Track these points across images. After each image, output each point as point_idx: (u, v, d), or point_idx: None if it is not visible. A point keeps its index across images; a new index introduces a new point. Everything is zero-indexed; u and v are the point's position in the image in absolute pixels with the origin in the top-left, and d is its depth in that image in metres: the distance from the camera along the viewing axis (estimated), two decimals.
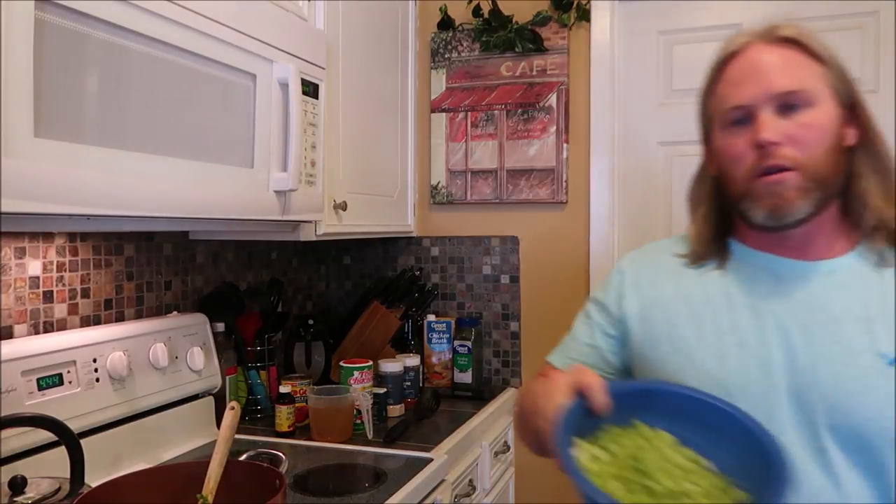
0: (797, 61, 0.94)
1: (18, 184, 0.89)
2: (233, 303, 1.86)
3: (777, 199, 0.91)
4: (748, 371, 0.93)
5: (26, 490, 1.02)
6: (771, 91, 0.92)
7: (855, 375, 0.88)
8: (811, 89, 0.92)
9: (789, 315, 0.93)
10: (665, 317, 1.02)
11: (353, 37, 1.89)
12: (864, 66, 2.04)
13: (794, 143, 0.91)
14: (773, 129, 0.91)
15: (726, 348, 0.95)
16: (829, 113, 0.93)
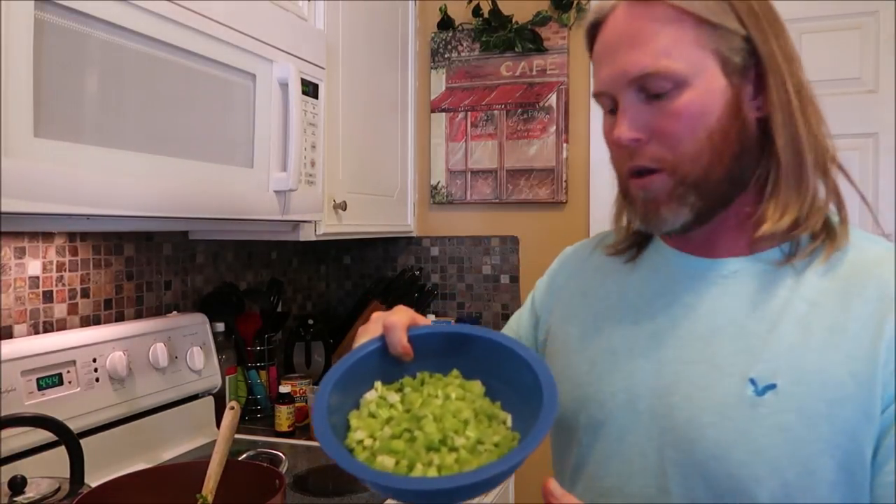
0: (660, 27, 0.69)
1: (18, 183, 0.89)
2: (233, 303, 1.86)
3: (646, 206, 0.74)
4: (612, 383, 0.78)
5: (26, 490, 1.02)
6: (625, 74, 0.71)
7: (713, 402, 0.70)
8: (676, 66, 0.69)
9: (669, 322, 0.76)
10: (562, 312, 0.89)
11: (353, 36, 1.89)
12: (864, 66, 2.04)
13: (661, 139, 0.71)
14: (630, 124, 0.72)
15: (599, 354, 0.80)
16: (708, 91, 0.69)
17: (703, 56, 0.69)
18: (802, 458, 0.64)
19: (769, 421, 0.66)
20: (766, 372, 0.68)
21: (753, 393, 0.67)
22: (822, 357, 0.66)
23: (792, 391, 0.66)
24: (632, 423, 0.75)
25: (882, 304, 0.66)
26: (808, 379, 0.66)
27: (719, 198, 0.73)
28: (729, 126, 0.70)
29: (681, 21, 0.69)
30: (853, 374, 0.64)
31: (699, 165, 0.71)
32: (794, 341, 0.68)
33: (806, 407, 0.65)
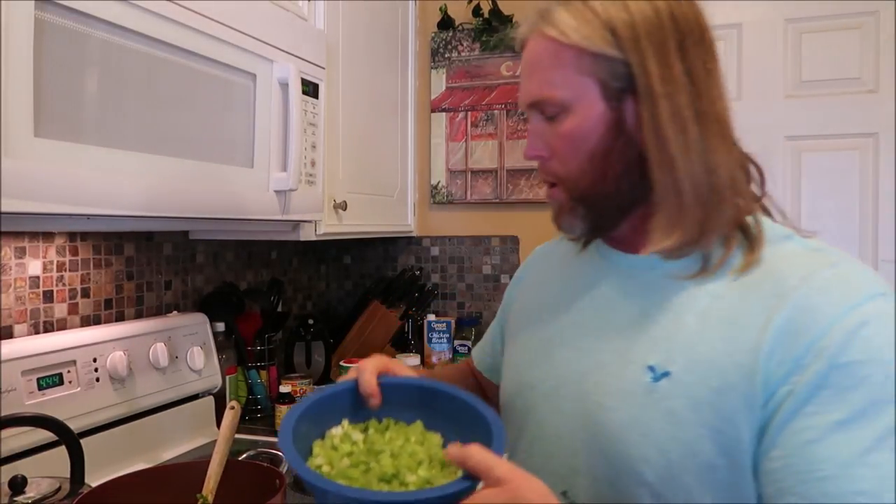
0: (546, 58, 0.75)
1: (18, 183, 0.89)
2: (233, 302, 1.86)
3: (553, 213, 0.81)
4: (542, 370, 0.83)
5: (26, 490, 1.02)
6: (524, 99, 0.79)
7: (616, 388, 0.74)
8: (558, 94, 0.74)
9: (592, 313, 0.81)
10: (519, 304, 0.96)
11: (353, 36, 1.89)
12: (864, 65, 2.04)
13: (556, 157, 0.77)
14: (533, 142, 0.79)
15: (536, 343, 0.86)
16: (587, 116, 0.74)
17: (584, 82, 0.74)
18: (686, 441, 0.68)
19: (661, 406, 0.70)
20: (664, 360, 0.71)
21: (651, 380, 0.71)
22: (712, 347, 0.69)
23: (683, 379, 0.70)
24: (555, 408, 0.80)
25: (776, 298, 0.68)
26: (698, 368, 0.69)
27: (611, 211, 0.78)
28: (610, 147, 0.74)
29: (563, 51, 0.74)
30: (737, 364, 0.67)
31: (584, 183, 0.76)
32: (691, 332, 0.71)
33: (693, 394, 0.69)
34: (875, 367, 0.63)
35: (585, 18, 0.73)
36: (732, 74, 2.16)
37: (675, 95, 0.71)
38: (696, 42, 0.73)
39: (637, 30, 0.71)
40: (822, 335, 0.64)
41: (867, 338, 0.64)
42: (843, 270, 0.69)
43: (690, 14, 0.74)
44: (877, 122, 2.03)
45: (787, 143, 2.12)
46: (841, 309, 0.65)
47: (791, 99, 2.11)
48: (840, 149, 2.07)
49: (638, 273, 0.79)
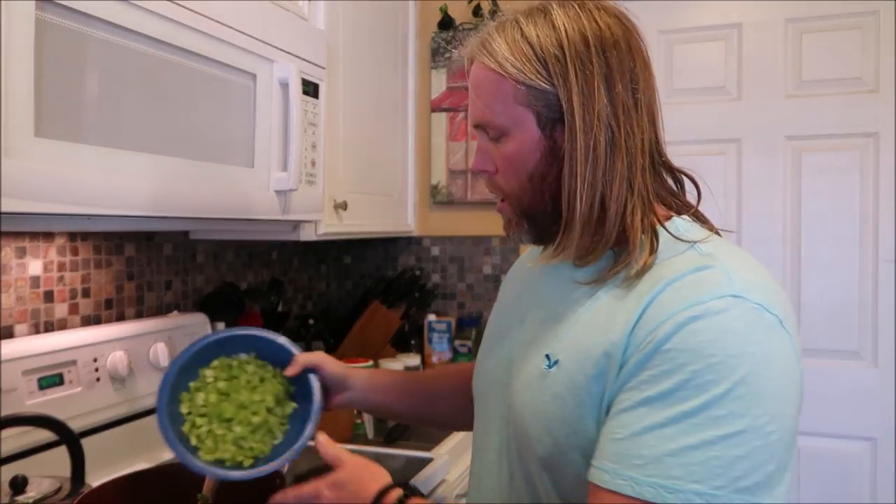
0: (487, 84, 0.80)
1: (19, 183, 0.89)
2: (233, 302, 1.86)
3: (503, 224, 0.88)
4: (490, 360, 0.94)
5: (27, 489, 1.02)
6: (470, 119, 0.86)
7: (524, 374, 0.83)
8: (496, 120, 0.80)
9: (529, 311, 0.89)
10: (497, 303, 1.03)
11: (353, 36, 1.89)
12: (865, 65, 2.04)
13: (501, 174, 0.83)
14: (480, 158, 0.85)
15: (491, 337, 0.96)
16: (523, 142, 0.79)
17: (520, 111, 0.78)
18: (569, 421, 0.75)
19: (549, 390, 0.78)
20: (557, 350, 0.79)
21: (546, 367, 0.79)
22: (591, 339, 0.75)
23: (567, 366, 0.77)
24: (495, 393, 0.90)
25: (644, 297, 0.73)
26: (578, 356, 0.76)
27: (550, 225, 0.82)
28: (546, 170, 0.79)
29: (501, 82, 0.78)
30: (606, 354, 0.73)
31: (525, 201, 0.82)
32: (580, 326, 0.78)
33: (574, 379, 0.75)
34: (692, 358, 0.66)
35: (520, 50, 0.77)
36: (733, 74, 2.16)
37: (593, 129, 0.75)
38: (626, 70, 0.77)
39: (566, 62, 0.76)
40: (659, 325, 0.69)
41: (694, 331, 0.67)
42: (709, 273, 0.72)
43: (623, 40, 0.78)
44: (877, 121, 2.03)
45: (787, 143, 2.12)
46: (682, 304, 0.69)
47: (791, 99, 2.11)
48: (840, 148, 2.07)
49: (562, 276, 0.84)
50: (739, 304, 0.69)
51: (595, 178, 0.76)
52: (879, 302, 2.04)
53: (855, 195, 2.07)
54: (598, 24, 0.77)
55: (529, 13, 0.80)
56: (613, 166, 0.76)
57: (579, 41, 0.76)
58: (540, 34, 0.77)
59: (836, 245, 2.08)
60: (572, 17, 0.77)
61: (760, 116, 2.13)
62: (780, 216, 2.13)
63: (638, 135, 0.77)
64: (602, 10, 0.79)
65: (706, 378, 0.66)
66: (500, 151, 0.81)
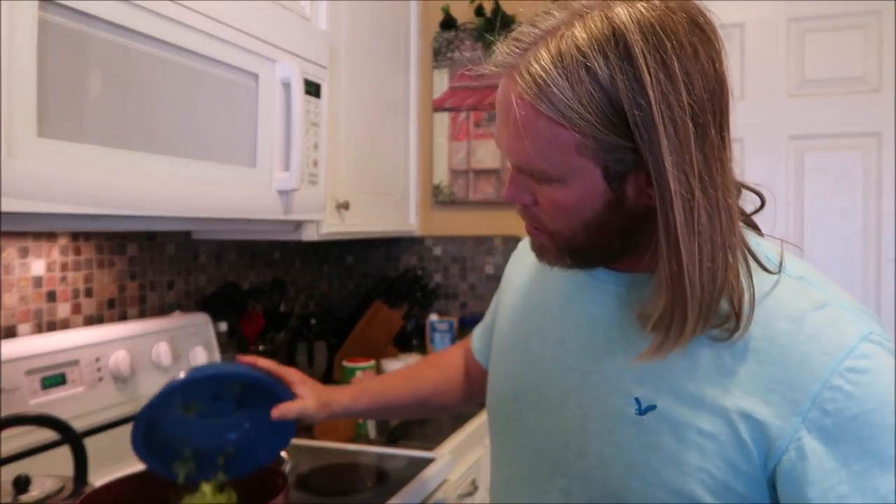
0: (540, 129, 0.63)
1: (22, 183, 0.89)
2: (235, 302, 1.86)
3: (534, 248, 0.77)
4: (527, 382, 0.82)
5: (30, 489, 1.02)
6: (503, 151, 0.70)
7: (600, 414, 0.73)
8: (551, 171, 0.66)
9: (574, 330, 0.78)
10: (503, 307, 0.93)
11: (355, 36, 1.89)
12: (867, 65, 2.04)
13: (545, 213, 0.70)
14: (517, 189, 0.71)
15: (518, 355, 0.84)
16: (584, 192, 0.66)
17: (583, 163, 0.64)
18: (671, 478, 0.68)
19: (647, 440, 0.69)
20: (650, 392, 0.70)
21: (636, 412, 0.70)
22: (698, 387, 0.67)
23: (669, 415, 0.68)
24: (538, 423, 0.80)
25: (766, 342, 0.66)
26: (684, 406, 0.68)
27: (599, 262, 0.75)
28: (607, 219, 0.68)
29: (559, 131, 0.63)
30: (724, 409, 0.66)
31: (573, 242, 0.71)
32: (676, 367, 0.68)
33: (679, 432, 0.68)
34: (886, 410, 0.62)
35: (590, 97, 0.61)
36: (735, 74, 2.15)
37: (690, 190, 0.61)
38: (716, 107, 0.63)
39: (650, 111, 0.60)
40: (824, 387, 0.63)
41: (870, 384, 0.63)
42: (831, 313, 0.67)
43: (710, 64, 0.63)
44: (879, 121, 2.03)
45: (789, 143, 2.12)
46: (835, 358, 0.63)
47: (794, 98, 2.11)
48: (843, 148, 2.07)
49: (617, 291, 0.75)
50: (879, 338, 0.66)
51: (701, 251, 0.62)
52: (882, 301, 2.04)
53: (857, 195, 2.07)
54: (686, 47, 0.61)
55: (594, 36, 0.61)
56: (714, 229, 0.63)
57: (665, 78, 0.60)
58: (615, 72, 0.60)
59: (838, 245, 2.08)
60: (651, 39, 0.60)
61: (763, 116, 2.13)
62: (782, 216, 2.13)
63: (732, 183, 0.66)
64: (687, 21, 0.62)
65: None
66: (549, 194, 0.68)
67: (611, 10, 0.62)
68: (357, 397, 1.04)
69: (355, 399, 1.04)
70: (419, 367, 1.15)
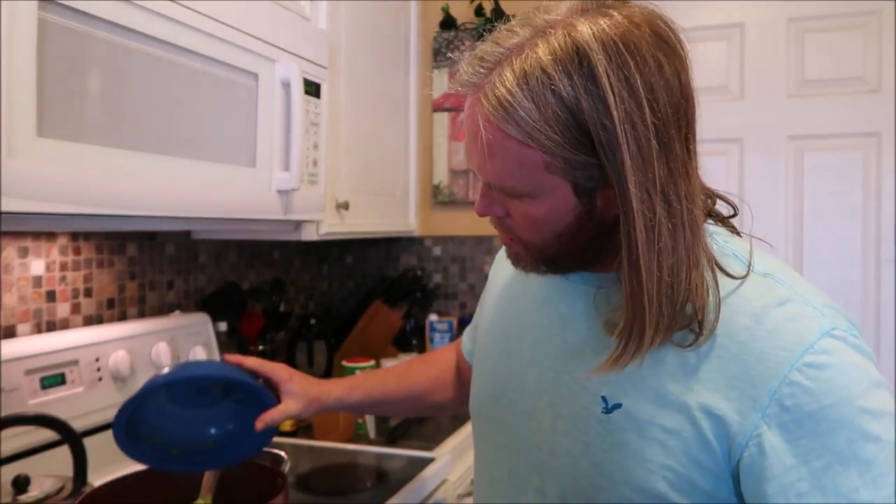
0: (506, 152, 0.64)
1: (21, 183, 0.89)
2: (235, 302, 1.86)
3: (510, 256, 0.78)
4: (504, 382, 0.83)
5: (29, 489, 1.02)
6: (476, 168, 0.70)
7: (570, 414, 0.73)
8: (521, 187, 0.66)
9: (548, 331, 0.79)
10: (485, 308, 0.94)
11: (355, 36, 1.89)
12: (867, 65, 2.04)
13: (513, 222, 0.72)
14: (487, 203, 0.73)
15: (497, 356, 0.85)
16: (554, 208, 0.67)
17: (552, 180, 0.65)
18: (639, 476, 0.68)
19: (612, 438, 0.70)
20: (616, 391, 0.70)
21: (603, 410, 0.71)
22: (661, 384, 0.68)
23: (634, 413, 0.69)
24: (514, 422, 0.81)
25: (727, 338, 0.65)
26: (648, 404, 0.68)
27: (573, 268, 0.75)
28: (578, 230, 0.69)
29: (526, 152, 0.63)
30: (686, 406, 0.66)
31: (547, 253, 0.72)
32: (643, 368, 0.68)
33: (644, 430, 0.68)
34: (846, 407, 0.62)
35: (556, 118, 0.61)
36: (735, 74, 2.15)
37: (653, 208, 0.62)
38: (681, 120, 0.65)
39: (614, 129, 0.60)
40: (782, 383, 0.62)
41: (829, 379, 0.62)
42: (793, 308, 0.66)
43: (674, 76, 0.63)
44: (879, 121, 2.03)
45: (789, 143, 2.12)
46: (794, 353, 0.63)
47: (793, 98, 2.11)
48: (842, 148, 2.07)
49: (589, 291, 0.76)
50: (841, 333, 0.65)
51: (661, 268, 0.63)
52: (881, 302, 2.04)
53: (857, 195, 2.07)
54: (649, 63, 0.61)
55: (558, 57, 0.61)
56: (677, 244, 0.64)
57: (629, 97, 0.60)
58: (580, 93, 0.60)
59: (838, 245, 2.08)
60: (615, 58, 0.60)
61: (762, 116, 2.13)
62: (782, 216, 2.13)
63: (697, 194, 0.66)
64: (650, 36, 0.62)
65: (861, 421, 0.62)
66: (521, 209, 0.69)
67: (574, 28, 0.62)
68: (351, 389, 1.05)
69: (349, 391, 1.04)
70: (414, 364, 1.15)
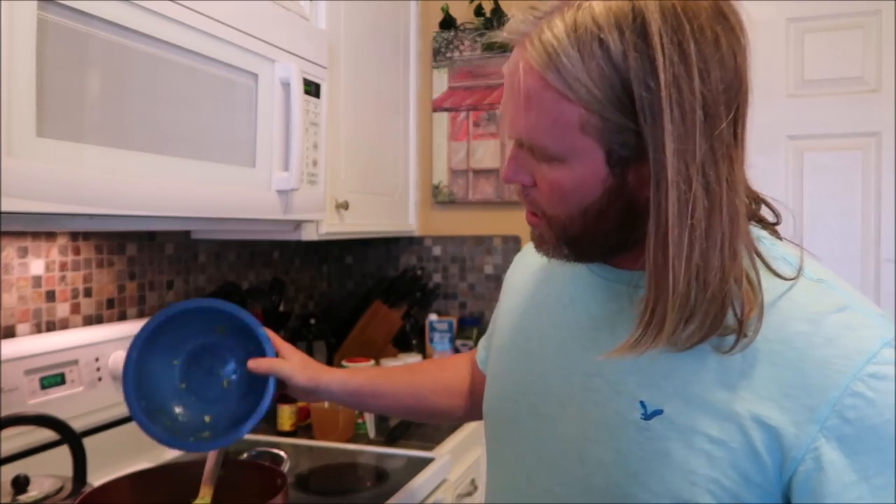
0: (545, 102, 0.61)
1: (21, 183, 0.89)
2: (235, 302, 1.86)
3: (532, 237, 0.74)
4: (525, 385, 0.78)
5: (29, 489, 1.02)
6: (507, 127, 0.67)
7: (602, 419, 0.69)
8: (552, 147, 0.63)
9: (577, 331, 0.75)
10: (503, 307, 0.91)
11: (354, 36, 1.89)
12: (866, 65, 2.04)
13: (543, 196, 0.67)
14: (515, 168, 0.68)
15: (519, 355, 0.81)
16: (584, 176, 0.63)
17: (586, 143, 0.61)
18: (678, 488, 0.64)
19: (652, 446, 0.65)
20: (656, 396, 0.66)
21: (641, 416, 0.66)
22: (708, 390, 0.64)
23: (677, 420, 0.64)
24: (537, 427, 0.76)
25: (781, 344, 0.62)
26: (693, 411, 0.64)
27: (597, 254, 0.71)
28: (607, 207, 0.64)
29: (566, 106, 0.60)
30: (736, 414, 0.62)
31: (571, 231, 0.67)
32: (685, 369, 0.65)
33: (687, 439, 0.64)
34: None
35: (601, 73, 0.58)
36: None
37: (689, 181, 0.58)
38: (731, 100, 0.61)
39: (659, 94, 0.57)
40: (844, 393, 0.59)
41: (890, 391, 0.59)
42: (851, 316, 0.63)
43: (729, 54, 0.60)
44: (879, 121, 2.03)
45: (788, 143, 2.12)
46: (856, 362, 0.60)
47: (793, 98, 2.11)
48: (842, 148, 2.07)
49: (621, 290, 0.72)
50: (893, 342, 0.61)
51: (692, 247, 0.59)
52: (881, 302, 2.04)
53: (857, 195, 2.07)
54: (706, 33, 0.58)
55: (613, 11, 0.58)
56: (712, 227, 0.59)
57: (679, 61, 0.57)
58: (628, 49, 0.57)
59: (837, 245, 2.08)
60: (671, 20, 0.57)
61: (762, 116, 2.13)
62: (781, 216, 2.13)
63: (741, 184, 0.62)
64: (712, 8, 0.60)
65: None
66: (548, 175, 0.65)
67: None
68: (352, 374, 1.02)
69: (350, 375, 1.02)
70: (422, 364, 1.14)
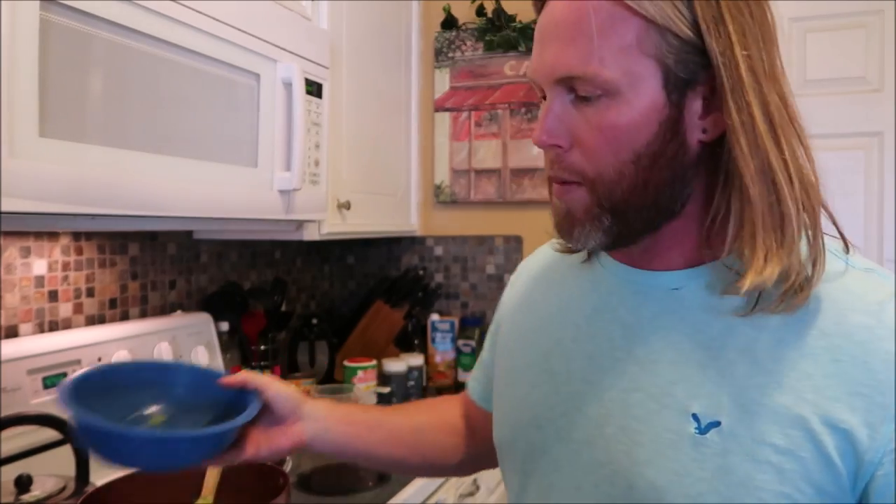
0: (598, 24, 0.57)
1: (23, 183, 0.89)
2: (237, 302, 1.86)
3: (561, 218, 0.65)
4: (550, 408, 0.70)
5: (32, 488, 1.02)
6: (551, 71, 0.61)
7: (650, 438, 0.61)
8: (607, 74, 0.57)
9: (607, 343, 0.67)
10: (508, 325, 0.82)
11: (356, 36, 1.89)
12: (869, 64, 2.04)
13: (583, 149, 0.61)
14: (551, 127, 0.62)
15: (537, 375, 0.72)
16: (641, 107, 0.58)
17: (644, 65, 0.57)
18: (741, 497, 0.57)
19: (713, 463, 0.58)
20: (709, 406, 0.59)
21: (696, 430, 0.59)
22: (765, 394, 0.57)
23: (738, 432, 0.57)
24: (571, 454, 0.67)
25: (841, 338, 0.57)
26: (752, 419, 0.57)
27: (641, 225, 0.63)
28: (661, 150, 0.59)
29: (623, 20, 0.56)
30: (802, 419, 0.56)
31: (619, 189, 0.60)
32: (737, 373, 0.59)
33: (752, 451, 0.57)
34: None
35: None
36: None
37: (766, 91, 0.56)
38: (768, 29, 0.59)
39: (723, 10, 0.55)
40: None
41: None
42: None
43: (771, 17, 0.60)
44: (881, 121, 2.03)
45: None
46: None
47: (795, 98, 2.11)
48: (844, 148, 2.07)
49: (657, 295, 0.65)
50: None
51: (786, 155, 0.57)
52: None
53: (859, 195, 2.06)
54: None
55: None
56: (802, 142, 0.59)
57: None
58: None
59: None
60: None
61: None
62: None
63: (794, 108, 0.60)
64: None
65: None
66: (595, 119, 0.59)
67: None
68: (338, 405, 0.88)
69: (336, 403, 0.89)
70: (409, 403, 1.02)
